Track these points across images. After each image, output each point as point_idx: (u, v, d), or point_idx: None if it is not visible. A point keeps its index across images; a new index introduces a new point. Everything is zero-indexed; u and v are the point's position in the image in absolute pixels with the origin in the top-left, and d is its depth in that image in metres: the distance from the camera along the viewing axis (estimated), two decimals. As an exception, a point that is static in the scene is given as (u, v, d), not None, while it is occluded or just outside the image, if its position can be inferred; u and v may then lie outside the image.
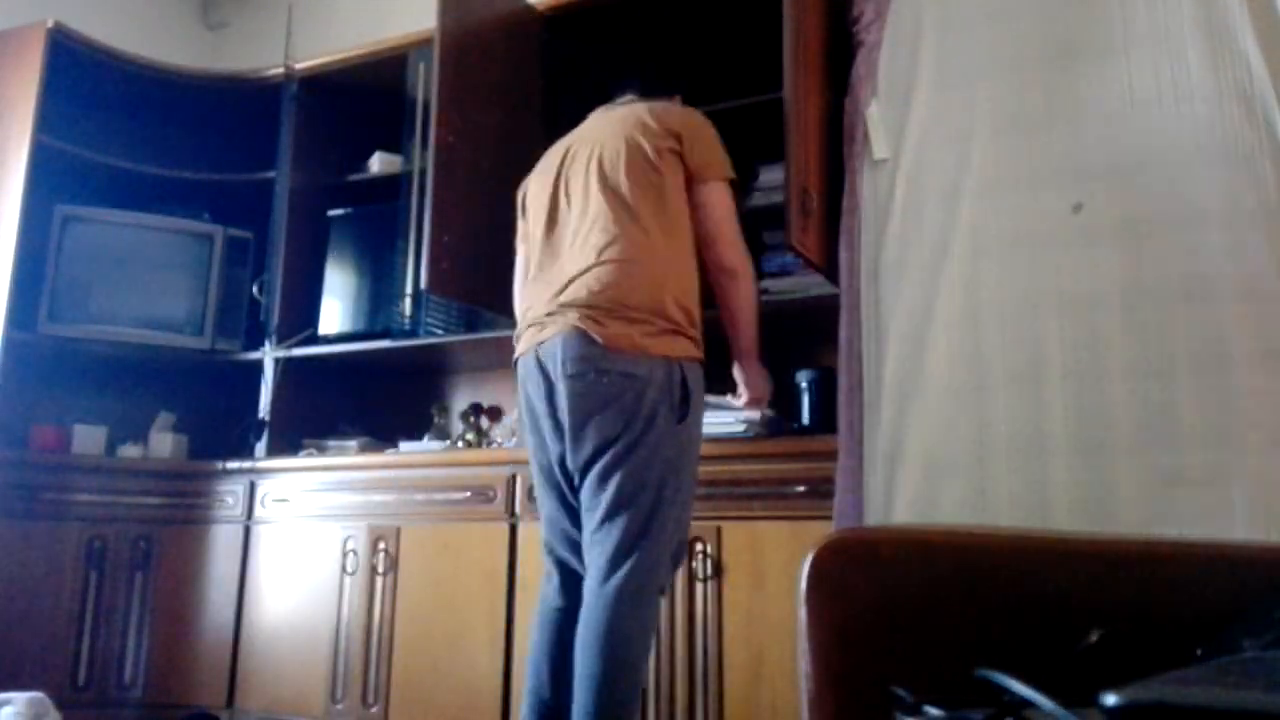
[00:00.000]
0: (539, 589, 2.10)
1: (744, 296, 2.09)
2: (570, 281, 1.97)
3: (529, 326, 2.05)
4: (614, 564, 1.85)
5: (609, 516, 1.87)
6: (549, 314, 1.98)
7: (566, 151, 2.15)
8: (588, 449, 1.90)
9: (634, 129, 2.05)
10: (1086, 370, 1.94)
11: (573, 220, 2.05)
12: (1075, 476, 1.90)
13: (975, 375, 2.03)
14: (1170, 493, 1.82)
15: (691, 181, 2.05)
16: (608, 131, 2.10)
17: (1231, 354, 1.82)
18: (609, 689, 1.79)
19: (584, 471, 1.92)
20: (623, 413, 1.87)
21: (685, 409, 1.92)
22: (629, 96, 2.22)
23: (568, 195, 2.09)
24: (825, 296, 2.33)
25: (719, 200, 2.07)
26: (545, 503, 2.06)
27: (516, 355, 2.07)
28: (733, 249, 2.07)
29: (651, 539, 1.86)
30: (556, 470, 1.99)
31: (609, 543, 1.86)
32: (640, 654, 1.86)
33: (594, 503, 1.90)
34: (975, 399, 2.01)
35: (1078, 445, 1.91)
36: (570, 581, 2.01)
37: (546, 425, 1.98)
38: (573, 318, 1.91)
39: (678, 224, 2.03)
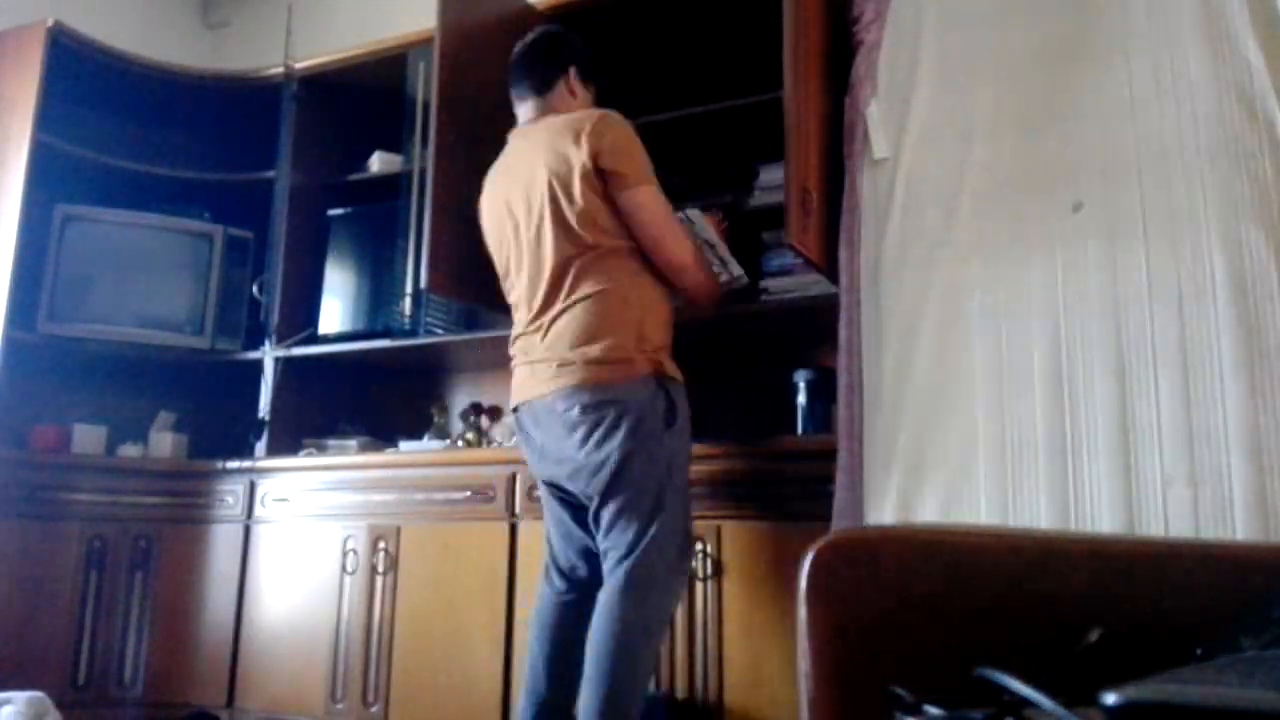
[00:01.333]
0: (537, 588, 2.17)
1: (697, 283, 2.19)
2: (545, 334, 2.06)
3: (519, 372, 2.14)
4: (620, 561, 1.97)
5: (615, 525, 1.99)
6: (534, 362, 2.08)
7: (505, 188, 2.20)
8: (585, 474, 2.01)
9: (555, 158, 2.07)
10: (1085, 369, 1.94)
11: (530, 264, 2.11)
12: (1074, 476, 1.90)
13: (973, 375, 2.03)
14: (1169, 493, 1.81)
15: (615, 192, 2.06)
16: (534, 163, 2.12)
17: (1231, 353, 1.82)
18: (614, 682, 1.90)
19: (588, 494, 2.03)
20: (612, 434, 1.97)
21: (672, 416, 2.03)
22: (531, 107, 2.23)
23: (520, 238, 2.14)
24: (825, 296, 2.33)
25: (646, 204, 2.07)
26: (550, 513, 2.18)
27: (514, 405, 2.16)
28: (675, 247, 2.12)
29: (652, 537, 1.96)
30: (559, 489, 2.12)
31: (617, 550, 1.98)
32: (642, 649, 1.96)
33: (600, 515, 2.01)
34: (973, 398, 2.01)
35: (1076, 445, 1.91)
36: (572, 581, 2.12)
37: (543, 452, 2.10)
38: (554, 373, 2.02)
39: (630, 246, 2.09)
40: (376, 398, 3.38)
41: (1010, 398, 1.99)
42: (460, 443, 2.98)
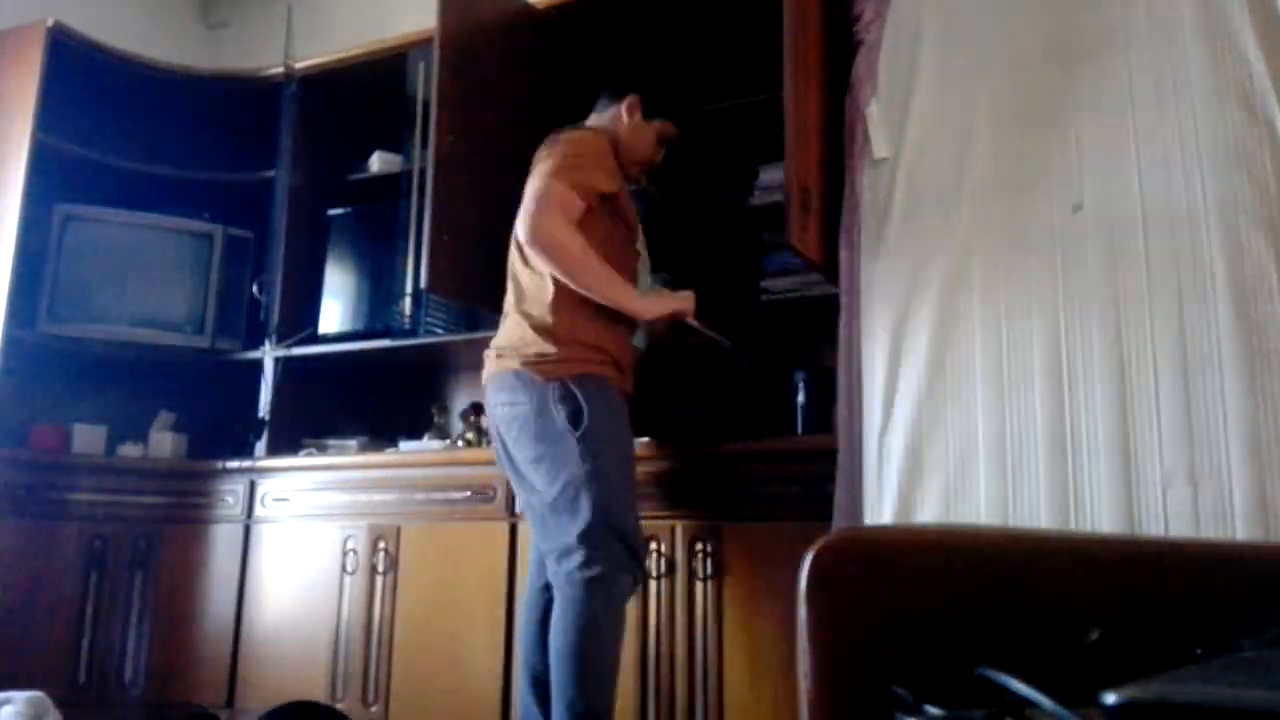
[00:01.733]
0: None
1: (562, 267, 2.05)
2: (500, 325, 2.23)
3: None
4: (558, 564, 2.03)
5: (543, 525, 2.08)
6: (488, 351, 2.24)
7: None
8: (509, 469, 2.15)
9: (535, 166, 2.17)
10: (1085, 369, 1.94)
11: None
12: (1074, 476, 1.90)
13: (973, 375, 2.03)
14: (1169, 493, 1.81)
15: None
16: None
17: (1231, 353, 1.82)
18: (575, 689, 1.94)
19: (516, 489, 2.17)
20: (524, 431, 2.06)
21: (579, 419, 2.03)
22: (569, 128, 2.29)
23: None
24: (825, 296, 2.33)
25: (530, 188, 2.10)
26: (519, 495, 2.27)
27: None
28: (525, 221, 2.06)
29: (581, 534, 1.98)
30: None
31: (552, 553, 2.04)
32: (597, 650, 1.97)
33: (529, 515, 2.15)
34: (973, 398, 2.01)
35: (1076, 444, 1.91)
36: (543, 567, 2.18)
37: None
38: (491, 361, 2.19)
39: None
40: (376, 398, 3.38)
41: (1010, 398, 1.99)
42: (460, 443, 2.98)
